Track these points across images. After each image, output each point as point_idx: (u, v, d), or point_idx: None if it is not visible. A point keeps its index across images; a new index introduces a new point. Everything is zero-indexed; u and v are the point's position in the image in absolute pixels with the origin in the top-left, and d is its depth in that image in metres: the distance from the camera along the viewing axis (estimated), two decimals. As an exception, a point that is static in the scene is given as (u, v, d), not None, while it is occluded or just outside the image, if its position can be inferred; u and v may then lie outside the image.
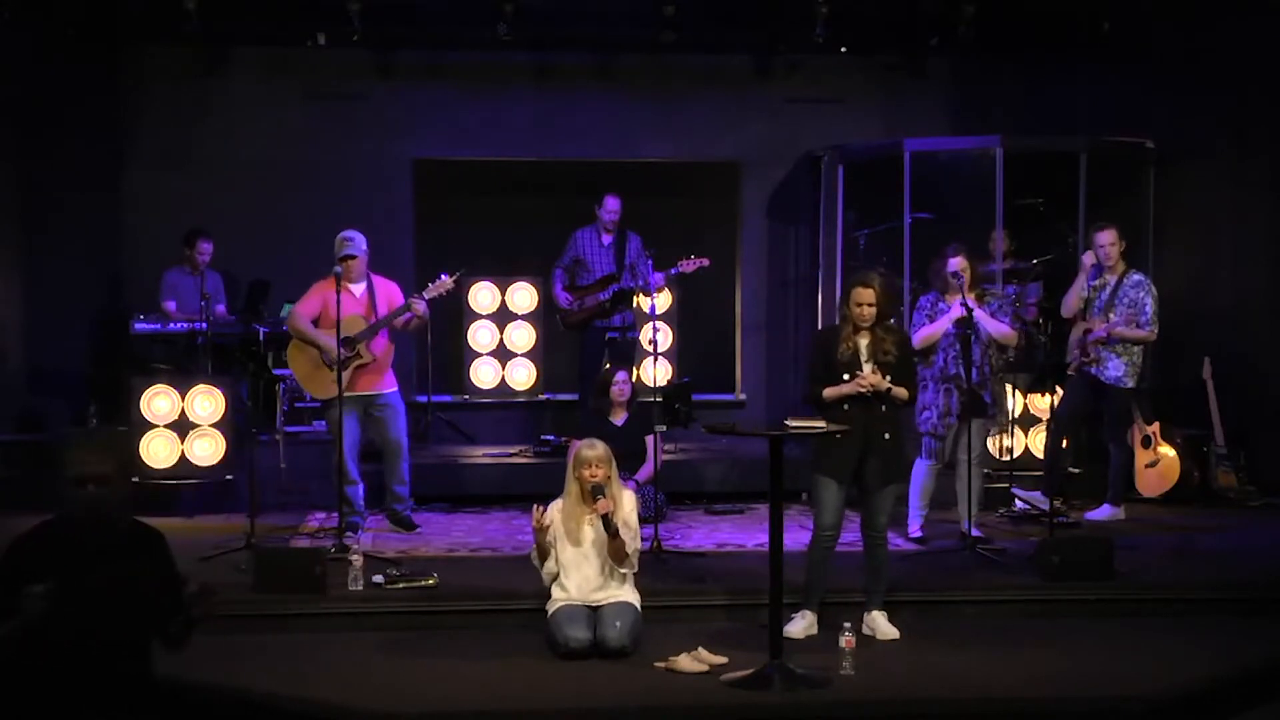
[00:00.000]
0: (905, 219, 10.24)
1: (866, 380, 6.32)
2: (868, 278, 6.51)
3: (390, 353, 8.29)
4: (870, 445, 6.35)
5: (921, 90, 11.53)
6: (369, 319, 8.12)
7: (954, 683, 5.87)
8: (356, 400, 8.14)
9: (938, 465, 7.94)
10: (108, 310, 10.77)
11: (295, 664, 6.06)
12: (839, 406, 6.34)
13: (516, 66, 11.17)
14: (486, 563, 7.63)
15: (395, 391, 8.33)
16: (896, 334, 6.54)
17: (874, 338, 6.42)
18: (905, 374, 6.46)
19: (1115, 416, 8.74)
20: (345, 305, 7.94)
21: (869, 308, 6.39)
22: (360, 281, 8.22)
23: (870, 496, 6.45)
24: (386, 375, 8.27)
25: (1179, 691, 5.68)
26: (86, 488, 3.98)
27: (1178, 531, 8.50)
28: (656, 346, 10.10)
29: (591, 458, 6.20)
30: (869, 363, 6.39)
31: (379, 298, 8.21)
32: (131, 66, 11.00)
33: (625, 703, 5.63)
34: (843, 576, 6.69)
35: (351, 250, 8.13)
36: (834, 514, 6.42)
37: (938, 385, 7.82)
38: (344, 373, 7.94)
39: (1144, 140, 10.45)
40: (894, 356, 6.41)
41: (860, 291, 6.40)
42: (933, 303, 7.92)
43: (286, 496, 9.12)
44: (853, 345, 6.42)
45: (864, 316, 6.40)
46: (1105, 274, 8.55)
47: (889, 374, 6.37)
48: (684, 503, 9.23)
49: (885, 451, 6.40)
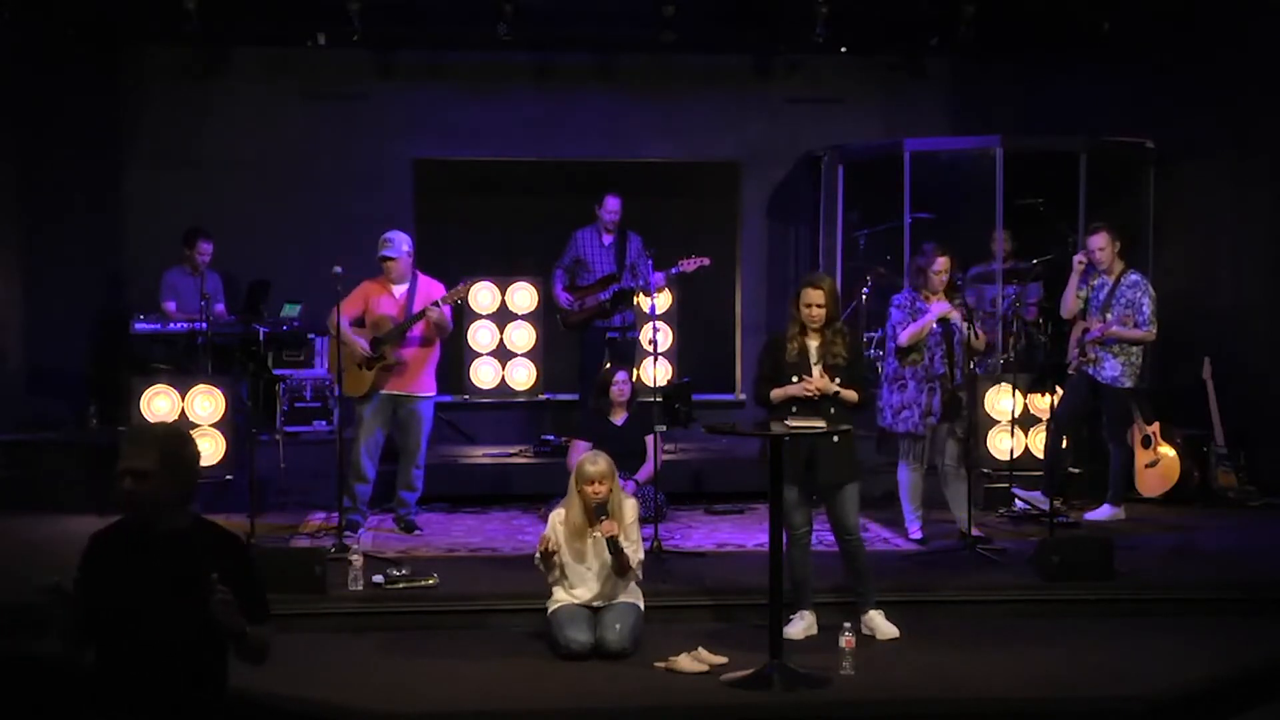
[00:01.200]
0: (905, 219, 10.25)
1: (813, 383, 6.30)
2: (818, 279, 6.52)
3: (424, 357, 8.23)
4: (817, 447, 6.30)
5: (921, 90, 11.54)
6: (399, 321, 8.13)
7: (954, 683, 5.87)
8: (386, 399, 8.16)
9: (920, 466, 7.92)
10: (108, 310, 10.77)
11: (295, 664, 6.05)
12: (786, 408, 6.31)
13: (516, 66, 11.18)
14: (486, 563, 7.63)
15: (427, 399, 8.29)
16: (846, 336, 6.51)
17: (823, 340, 6.40)
18: (855, 376, 6.43)
19: (1113, 416, 8.74)
20: (383, 305, 8.07)
21: (818, 309, 6.36)
22: (403, 283, 8.23)
23: (830, 499, 6.45)
24: (419, 379, 8.24)
25: (1179, 691, 5.68)
26: (124, 482, 3.87)
27: (1178, 531, 8.50)
28: (656, 346, 10.09)
29: (594, 474, 6.16)
30: (818, 365, 6.38)
31: (417, 300, 8.20)
32: (131, 66, 11.01)
33: (625, 703, 5.63)
34: (842, 577, 6.69)
35: (389, 252, 8.16)
36: (800, 512, 6.41)
37: (920, 384, 7.79)
38: (371, 372, 8.01)
39: (1144, 140, 10.46)
40: (844, 359, 6.39)
41: (809, 292, 6.38)
42: (911, 300, 7.88)
43: (286, 496, 9.13)
44: (800, 346, 6.41)
45: (813, 317, 6.37)
46: (1104, 274, 8.55)
47: (839, 376, 6.35)
48: (684, 503, 9.22)
49: (834, 453, 6.34)
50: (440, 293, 8.24)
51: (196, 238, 10.04)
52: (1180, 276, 10.30)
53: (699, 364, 11.41)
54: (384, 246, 8.19)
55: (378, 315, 8.11)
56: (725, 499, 9.32)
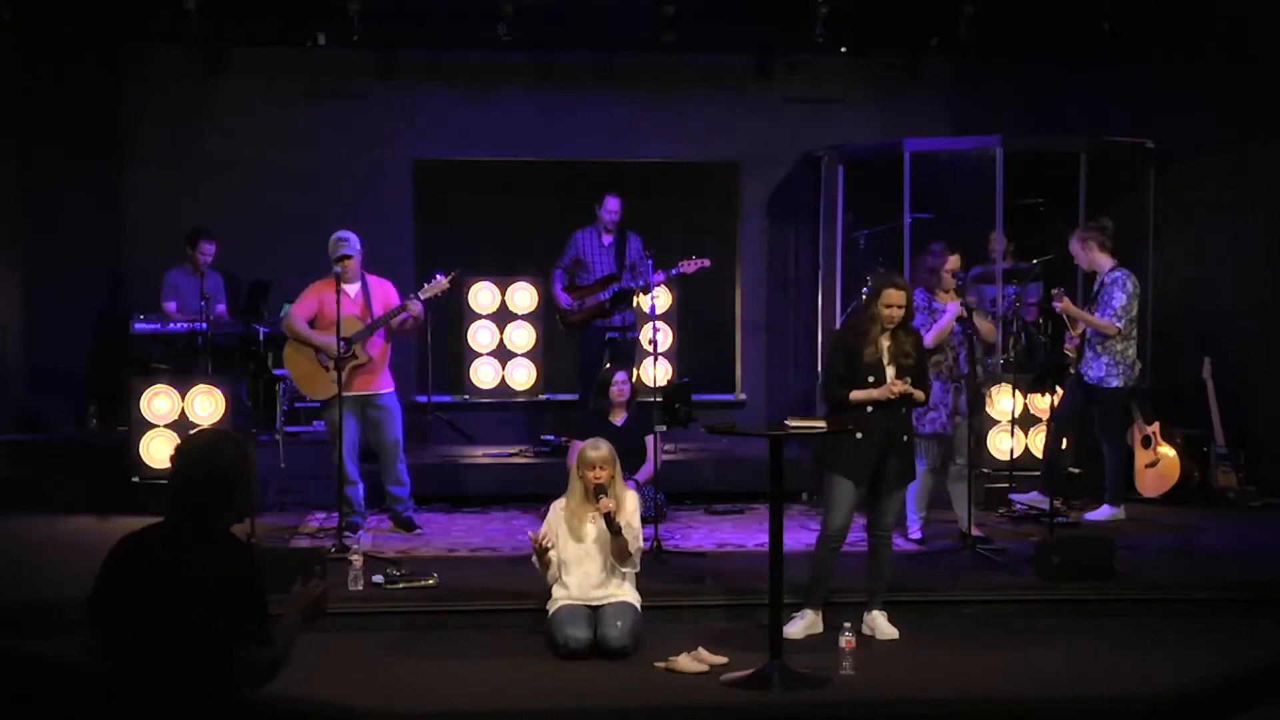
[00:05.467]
0: (905, 219, 10.24)
1: (898, 386, 6.33)
2: (898, 279, 6.55)
3: (386, 353, 8.29)
4: (892, 447, 6.37)
5: (921, 90, 11.53)
6: (364, 319, 8.11)
7: (954, 683, 5.87)
8: (354, 400, 8.14)
9: (936, 468, 7.93)
10: (108, 310, 10.77)
11: (295, 664, 6.04)
12: (863, 409, 6.34)
13: (516, 66, 11.17)
14: (486, 563, 7.63)
15: (391, 392, 8.32)
16: (914, 336, 6.55)
17: (895, 340, 6.43)
18: (922, 376, 6.50)
19: (1104, 416, 8.72)
20: (344, 305, 7.95)
21: (898, 309, 6.40)
22: (355, 282, 8.21)
23: (883, 498, 6.47)
24: (383, 375, 8.26)
25: (1179, 691, 5.67)
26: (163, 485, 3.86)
27: (1178, 531, 8.51)
28: (656, 346, 10.10)
29: (596, 459, 6.20)
30: (890, 365, 6.40)
31: (374, 298, 8.20)
32: (131, 66, 11.00)
33: (625, 703, 5.63)
34: (842, 576, 6.68)
35: (347, 250, 8.12)
36: (846, 516, 6.42)
37: (945, 385, 7.82)
38: (336, 373, 7.95)
39: (1144, 140, 10.45)
40: (912, 359, 6.43)
41: (892, 293, 6.41)
42: (927, 301, 7.91)
43: (286, 496, 9.13)
44: (877, 347, 6.43)
45: (893, 318, 6.40)
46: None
47: (908, 376, 6.39)
48: (684, 503, 9.23)
49: (904, 453, 6.44)
50: (389, 289, 8.27)
51: (199, 238, 10.04)
52: (1180, 276, 10.30)
53: (699, 364, 11.40)
54: (341, 246, 8.12)
55: (343, 315, 7.92)
56: (725, 499, 9.32)
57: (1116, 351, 8.46)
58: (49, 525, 8.43)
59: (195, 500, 3.83)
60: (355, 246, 8.17)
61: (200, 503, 3.83)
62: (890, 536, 6.57)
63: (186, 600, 3.74)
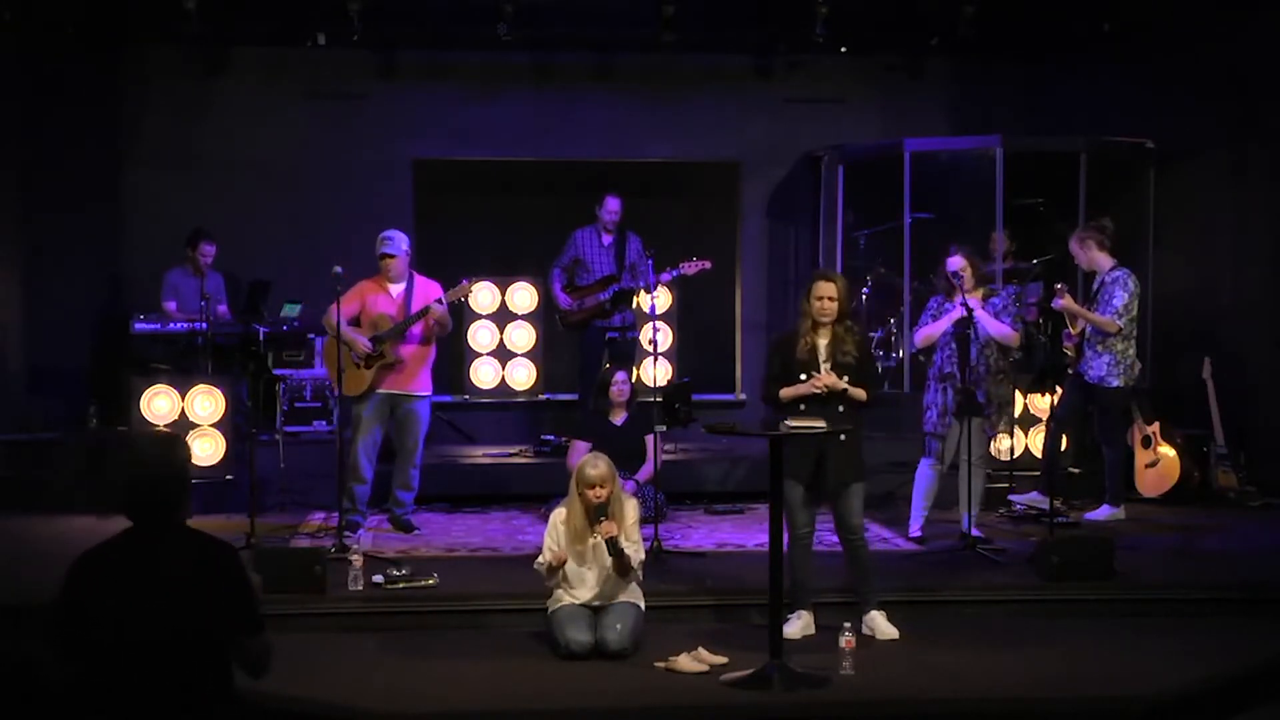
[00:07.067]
0: (905, 219, 10.25)
1: (822, 380, 6.29)
2: (830, 273, 6.56)
3: (423, 355, 8.25)
4: (826, 446, 6.29)
5: (921, 90, 11.53)
6: (399, 320, 8.13)
7: (954, 683, 5.87)
8: (384, 399, 8.16)
9: (941, 466, 7.93)
10: (108, 310, 10.77)
11: (295, 664, 6.04)
12: (795, 406, 6.29)
13: (516, 66, 11.17)
14: (486, 563, 7.63)
15: (424, 399, 8.30)
16: (856, 334, 6.50)
17: (834, 337, 6.39)
18: (865, 374, 6.43)
19: (1103, 416, 8.72)
20: (380, 304, 8.08)
21: (830, 301, 6.35)
22: (400, 282, 8.24)
23: (836, 499, 6.44)
24: (417, 378, 8.25)
25: (1179, 691, 5.67)
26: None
27: (1178, 531, 8.51)
28: (656, 346, 10.10)
29: (595, 478, 6.17)
30: (826, 362, 6.37)
31: (415, 299, 8.20)
32: (131, 66, 11.00)
33: (625, 703, 5.63)
34: (842, 577, 6.69)
35: (388, 249, 8.17)
36: (803, 512, 6.40)
37: (937, 384, 7.84)
38: (369, 370, 8.00)
39: (1144, 140, 10.45)
40: (853, 356, 6.38)
41: (821, 285, 6.38)
42: (939, 304, 7.92)
43: (286, 496, 9.13)
44: (811, 344, 6.40)
45: (825, 310, 6.35)
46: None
47: (847, 374, 6.34)
48: (684, 503, 9.23)
49: (841, 452, 6.34)
50: (437, 292, 8.24)
51: (199, 239, 10.04)
52: (1180, 276, 10.30)
53: (699, 364, 11.40)
54: (383, 245, 8.19)
55: (376, 314, 8.12)
56: (725, 499, 9.32)
57: (1117, 351, 8.45)
58: (49, 525, 8.42)
59: (159, 503, 3.90)
60: (399, 246, 8.20)
61: (164, 505, 3.91)
62: (862, 536, 6.52)
63: (174, 601, 3.78)
